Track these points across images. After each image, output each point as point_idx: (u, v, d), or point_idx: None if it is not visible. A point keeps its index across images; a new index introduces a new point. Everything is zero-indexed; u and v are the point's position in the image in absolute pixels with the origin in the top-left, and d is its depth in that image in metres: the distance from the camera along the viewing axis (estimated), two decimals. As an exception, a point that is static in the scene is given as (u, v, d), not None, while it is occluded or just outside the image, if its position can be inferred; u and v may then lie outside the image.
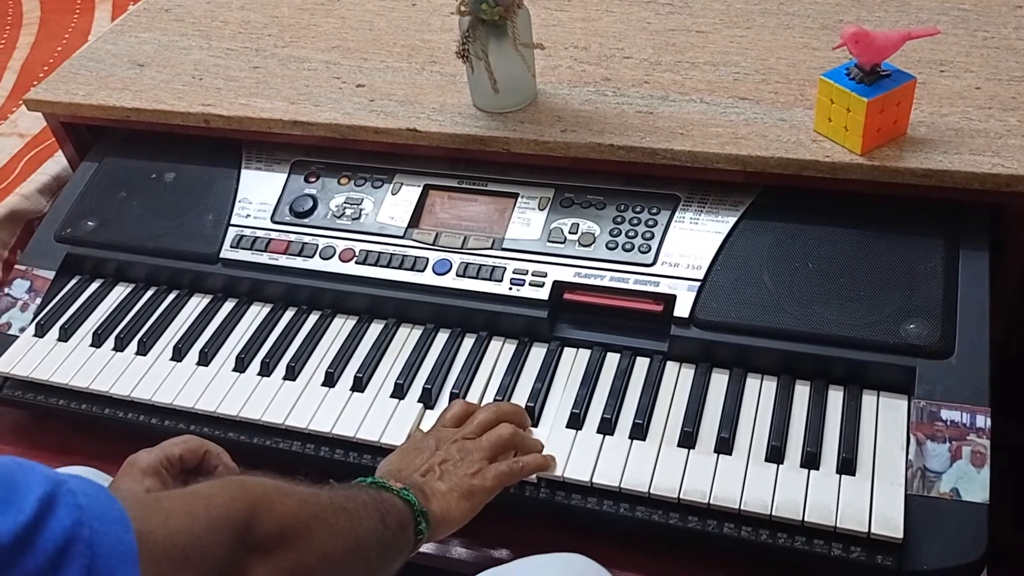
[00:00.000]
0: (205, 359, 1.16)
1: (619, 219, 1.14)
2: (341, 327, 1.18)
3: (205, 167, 1.32)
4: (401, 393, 1.09)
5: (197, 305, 1.24)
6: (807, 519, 0.92)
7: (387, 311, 1.18)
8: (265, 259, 1.22)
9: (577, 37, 1.35)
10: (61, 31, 1.90)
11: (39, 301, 1.27)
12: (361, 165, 1.26)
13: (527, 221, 1.17)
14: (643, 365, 1.08)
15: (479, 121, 1.20)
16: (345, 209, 1.23)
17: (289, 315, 1.20)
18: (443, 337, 1.14)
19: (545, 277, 1.12)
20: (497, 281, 1.14)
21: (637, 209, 1.15)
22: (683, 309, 1.07)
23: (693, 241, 1.11)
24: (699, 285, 1.08)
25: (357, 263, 1.19)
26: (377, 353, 1.13)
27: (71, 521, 0.56)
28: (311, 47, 1.40)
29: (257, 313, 1.22)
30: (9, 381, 1.21)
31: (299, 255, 1.21)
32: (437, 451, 0.95)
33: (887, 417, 0.99)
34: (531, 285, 1.12)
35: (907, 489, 0.93)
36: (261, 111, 1.27)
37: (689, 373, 1.06)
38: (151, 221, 1.29)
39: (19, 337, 1.23)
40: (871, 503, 0.92)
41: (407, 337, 1.15)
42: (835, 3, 1.35)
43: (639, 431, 1.01)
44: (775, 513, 0.92)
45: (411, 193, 1.22)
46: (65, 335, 1.22)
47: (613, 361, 1.08)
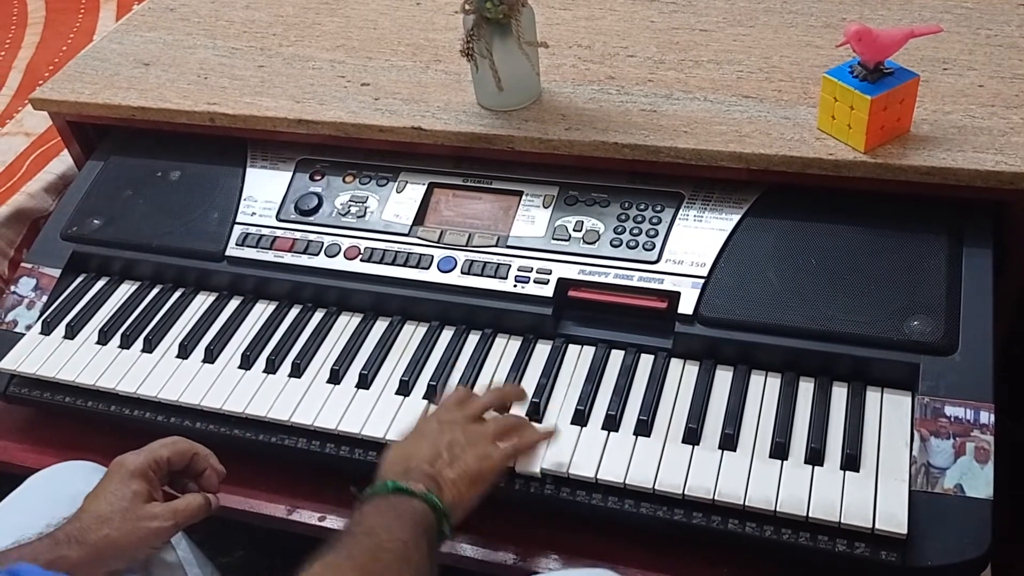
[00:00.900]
0: (211, 356, 1.17)
1: (623, 217, 1.15)
2: (346, 324, 1.18)
3: (210, 165, 1.32)
4: (406, 390, 1.09)
5: (203, 303, 1.24)
6: (811, 515, 0.92)
7: (392, 308, 1.18)
8: (270, 257, 1.23)
9: (581, 36, 1.35)
10: (66, 31, 1.90)
11: (45, 299, 1.27)
12: (366, 163, 1.27)
13: (532, 219, 1.17)
14: (647, 362, 1.08)
15: (483, 119, 1.20)
16: (350, 207, 1.24)
17: (294, 312, 1.21)
18: (448, 334, 1.15)
19: (550, 274, 1.13)
20: (502, 279, 1.14)
21: (641, 207, 1.15)
22: (687, 306, 1.07)
23: (697, 239, 1.11)
24: (703, 282, 1.08)
25: (362, 261, 1.20)
26: (382, 350, 1.14)
27: None
28: (316, 46, 1.41)
29: (262, 311, 1.22)
30: (15, 378, 1.21)
31: (304, 253, 1.22)
32: (442, 434, 0.94)
33: (891, 413, 0.99)
34: (536, 282, 1.13)
35: (911, 485, 0.93)
36: (266, 110, 1.28)
37: (693, 370, 1.06)
38: (157, 219, 1.29)
39: (25, 335, 1.23)
40: (875, 499, 0.92)
41: (412, 334, 1.16)
42: (838, 1, 1.35)
43: (644, 428, 1.01)
44: (779, 509, 0.93)
45: (416, 191, 1.23)
46: (71, 333, 1.22)
47: (617, 358, 1.09)
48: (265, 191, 1.28)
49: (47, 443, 1.20)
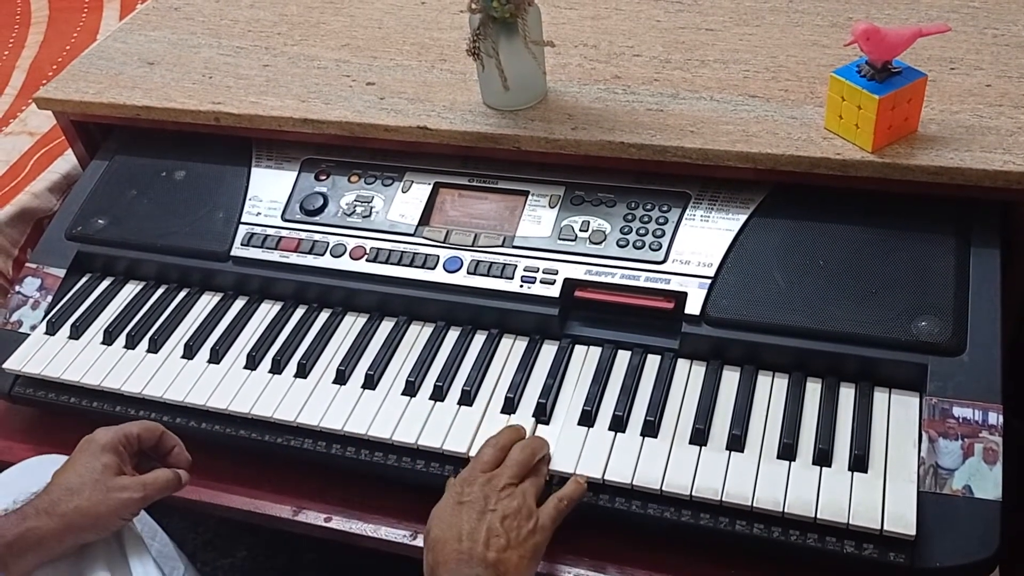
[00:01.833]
0: (216, 357, 1.17)
1: (630, 217, 1.14)
2: (352, 325, 1.18)
3: (215, 165, 1.32)
4: (412, 391, 1.09)
5: (208, 303, 1.24)
6: (819, 516, 0.92)
7: (398, 309, 1.18)
8: (276, 257, 1.22)
9: (587, 35, 1.35)
10: (70, 30, 1.90)
11: (50, 299, 1.27)
12: (371, 163, 1.27)
13: (538, 219, 1.17)
14: (654, 362, 1.08)
15: (489, 119, 1.20)
16: (356, 207, 1.23)
17: (300, 313, 1.21)
18: (454, 335, 1.15)
19: (556, 275, 1.13)
20: (508, 279, 1.14)
21: (648, 207, 1.15)
22: (694, 306, 1.07)
23: (704, 238, 1.11)
24: (710, 282, 1.08)
25: (368, 261, 1.19)
26: (388, 351, 1.13)
27: None
28: (321, 45, 1.41)
29: (268, 311, 1.22)
30: (20, 379, 1.21)
31: (310, 253, 1.22)
32: (490, 508, 0.90)
33: (899, 414, 0.99)
34: (542, 283, 1.13)
35: (919, 486, 0.93)
36: (271, 109, 1.27)
37: (700, 370, 1.06)
38: (161, 219, 1.29)
39: (30, 335, 1.23)
40: (883, 500, 0.92)
41: (418, 335, 1.16)
42: (845, 0, 1.35)
43: (651, 428, 1.01)
44: (787, 510, 0.93)
45: (422, 191, 1.23)
46: (76, 333, 1.22)
47: (624, 358, 1.09)
48: (270, 191, 1.28)
49: (52, 444, 1.19)
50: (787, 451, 0.97)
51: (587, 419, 1.03)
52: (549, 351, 1.11)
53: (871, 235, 1.07)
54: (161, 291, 1.27)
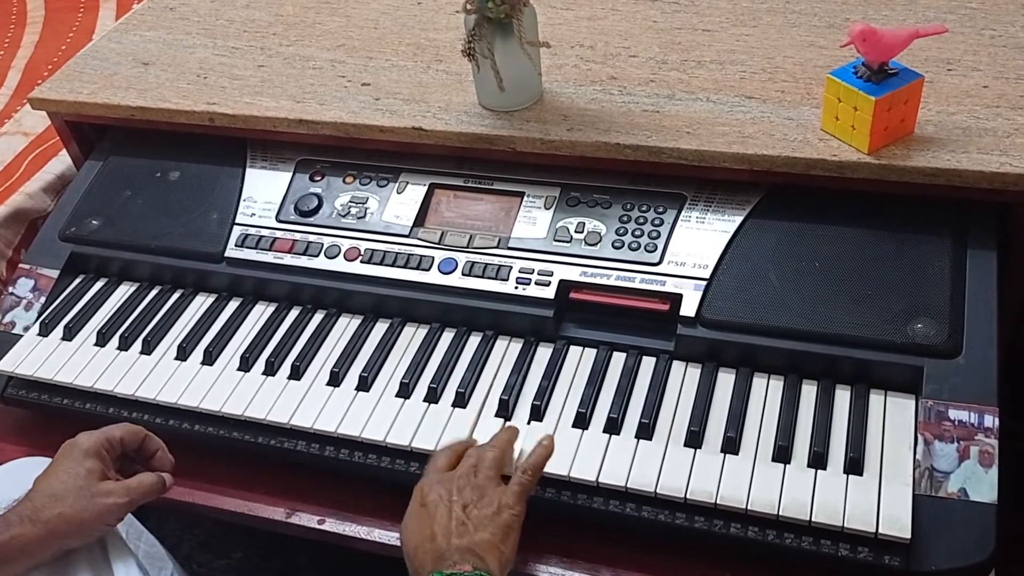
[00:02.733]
0: (210, 358, 1.16)
1: (625, 218, 1.14)
2: (346, 326, 1.18)
3: (210, 166, 1.32)
4: (407, 392, 1.09)
5: (202, 304, 1.24)
6: (814, 519, 0.91)
7: (392, 310, 1.18)
8: (270, 258, 1.22)
9: (583, 36, 1.34)
10: (65, 30, 1.90)
11: (43, 300, 1.26)
12: (366, 164, 1.26)
13: (533, 220, 1.17)
14: (649, 364, 1.07)
15: (485, 120, 1.20)
16: (350, 208, 1.23)
17: (294, 314, 1.20)
18: (448, 336, 1.14)
19: (551, 276, 1.12)
20: (503, 280, 1.13)
21: (643, 208, 1.14)
22: (689, 308, 1.07)
23: (699, 240, 1.10)
24: (705, 284, 1.07)
25: (362, 262, 1.19)
26: (382, 352, 1.13)
27: None
28: (316, 46, 1.40)
29: (262, 312, 1.21)
30: (13, 380, 1.21)
31: (304, 254, 1.21)
32: (453, 499, 0.90)
33: (895, 417, 0.98)
34: (537, 284, 1.12)
35: (915, 489, 0.92)
36: (266, 110, 1.27)
37: (695, 372, 1.06)
38: (156, 220, 1.29)
39: (23, 336, 1.23)
40: (879, 503, 0.91)
41: (412, 336, 1.15)
42: (842, 1, 1.34)
43: (645, 431, 1.01)
44: (782, 513, 0.92)
45: (417, 192, 1.22)
46: (69, 334, 1.22)
47: (619, 360, 1.08)
48: (265, 192, 1.27)
49: (45, 446, 1.18)
50: (782, 453, 0.96)
51: (582, 421, 1.03)
52: (544, 353, 1.11)
53: (867, 237, 1.07)
54: (155, 292, 1.26)
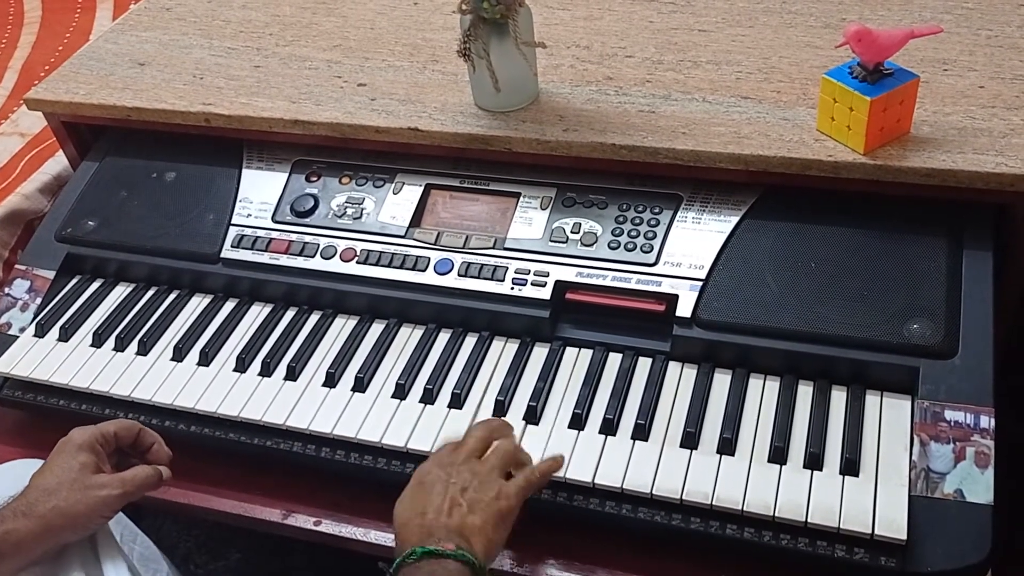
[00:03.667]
0: (206, 359, 1.16)
1: (621, 219, 1.14)
2: (342, 327, 1.18)
3: (206, 166, 1.31)
4: (402, 393, 1.09)
5: (198, 305, 1.24)
6: (810, 520, 0.91)
7: (388, 311, 1.17)
8: (266, 259, 1.22)
9: (579, 36, 1.34)
10: (62, 30, 1.89)
11: (39, 301, 1.26)
12: (362, 164, 1.26)
13: (529, 221, 1.16)
14: (645, 365, 1.07)
15: (481, 120, 1.20)
16: (346, 209, 1.23)
17: (290, 315, 1.20)
18: (444, 337, 1.14)
19: (547, 277, 1.12)
20: (499, 281, 1.13)
21: (639, 209, 1.14)
22: (685, 309, 1.06)
23: (695, 241, 1.10)
24: (701, 285, 1.07)
25: (358, 263, 1.19)
26: (378, 353, 1.13)
27: None
28: (312, 46, 1.40)
29: (258, 313, 1.21)
30: (9, 381, 1.21)
31: (300, 255, 1.21)
32: (451, 481, 0.89)
33: (891, 418, 0.98)
34: (533, 285, 1.12)
35: (911, 490, 0.92)
36: (262, 110, 1.27)
37: (691, 373, 1.06)
38: (152, 221, 1.28)
39: (19, 337, 1.22)
40: (874, 504, 0.91)
41: (408, 337, 1.15)
42: (838, 2, 1.34)
43: (641, 432, 1.01)
44: (778, 514, 0.92)
45: (413, 192, 1.22)
46: (65, 335, 1.21)
47: (615, 361, 1.08)
48: (261, 192, 1.27)
49: (41, 447, 1.17)
50: (778, 455, 0.96)
51: (578, 422, 1.03)
52: (540, 353, 1.10)
53: (863, 237, 1.07)
54: (151, 293, 1.26)
